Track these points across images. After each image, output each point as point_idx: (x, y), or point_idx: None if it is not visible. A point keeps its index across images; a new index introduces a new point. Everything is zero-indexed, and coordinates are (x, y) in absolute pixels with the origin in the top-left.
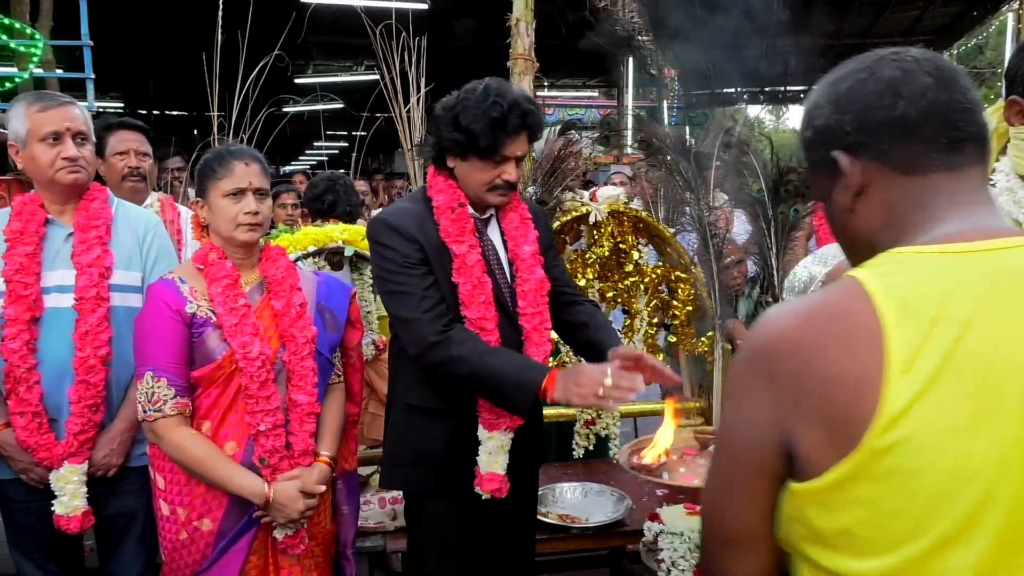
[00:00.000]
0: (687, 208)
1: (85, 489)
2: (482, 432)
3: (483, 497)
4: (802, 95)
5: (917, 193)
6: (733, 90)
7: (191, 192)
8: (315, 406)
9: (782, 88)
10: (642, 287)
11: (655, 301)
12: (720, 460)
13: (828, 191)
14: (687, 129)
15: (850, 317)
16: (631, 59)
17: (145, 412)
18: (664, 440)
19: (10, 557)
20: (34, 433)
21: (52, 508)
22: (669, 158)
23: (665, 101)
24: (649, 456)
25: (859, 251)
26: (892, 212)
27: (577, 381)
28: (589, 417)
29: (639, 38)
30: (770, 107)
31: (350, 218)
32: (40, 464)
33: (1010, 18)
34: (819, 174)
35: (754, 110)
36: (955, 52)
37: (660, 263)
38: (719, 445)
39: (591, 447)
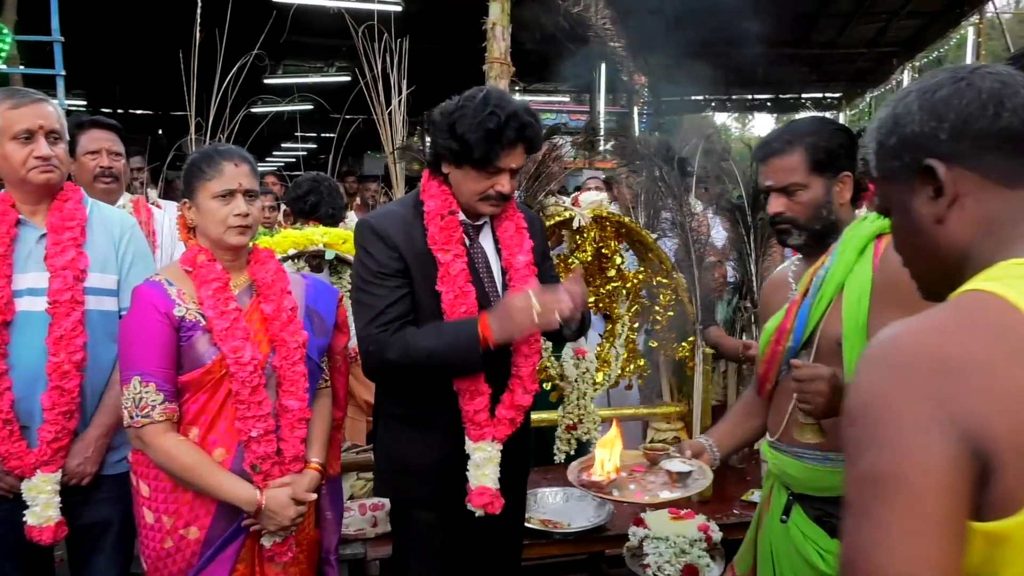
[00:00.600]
0: (667, 214)
1: (59, 499)
2: (468, 444)
3: (476, 513)
4: (768, 103)
5: (1020, 206)
6: (701, 97)
7: (151, 192)
8: (306, 411)
9: (749, 96)
10: (624, 292)
11: (636, 306)
12: (888, 517)
13: (905, 201)
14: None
15: (1011, 332)
16: (603, 65)
17: (132, 418)
18: (614, 458)
19: None
20: (4, 441)
21: (24, 518)
22: (653, 164)
23: (635, 107)
24: (599, 474)
25: (942, 263)
26: (991, 225)
27: (510, 317)
28: (571, 422)
29: (611, 44)
30: (736, 114)
31: (333, 220)
32: (11, 473)
33: (970, 32)
34: (895, 184)
35: (721, 117)
36: (918, 64)
37: (641, 268)
38: (876, 503)
39: (572, 452)
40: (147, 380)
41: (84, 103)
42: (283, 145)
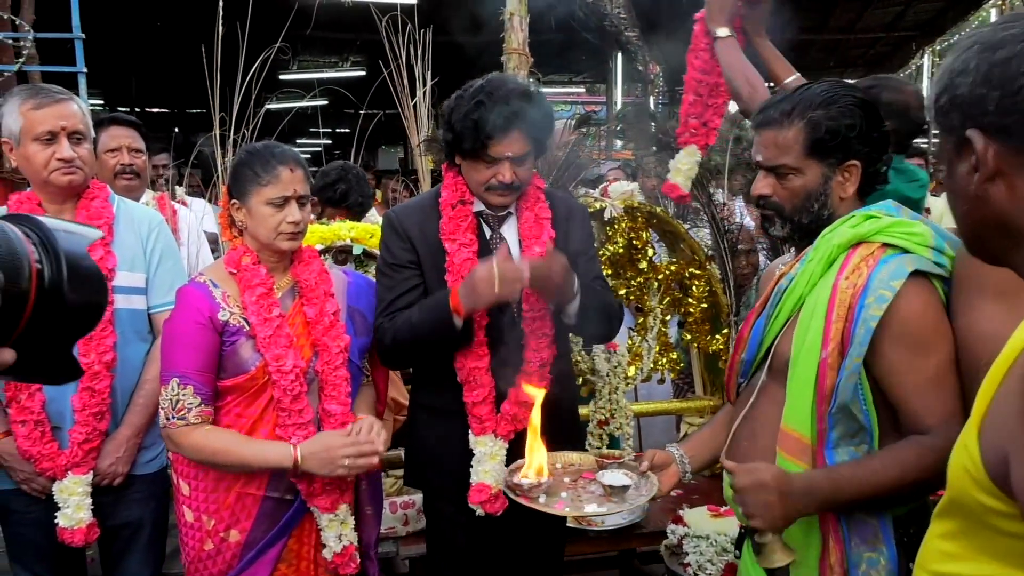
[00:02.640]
0: (697, 203)
1: (90, 500)
2: (471, 438)
3: (477, 512)
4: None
5: None
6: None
7: (178, 190)
8: (348, 416)
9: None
10: (656, 284)
11: (668, 298)
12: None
13: (952, 162)
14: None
15: None
16: (619, 55)
17: (168, 419)
18: (538, 457)
19: (9, 570)
20: (36, 442)
21: (55, 520)
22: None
23: (651, 97)
24: (527, 475)
25: (983, 230)
26: None
27: (473, 286)
28: (602, 417)
29: (626, 33)
30: None
31: (361, 208)
32: (43, 474)
33: (993, 14)
34: (945, 140)
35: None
36: (938, 48)
37: (673, 260)
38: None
39: (604, 447)
40: (185, 383)
41: (101, 102)
42: (299, 141)
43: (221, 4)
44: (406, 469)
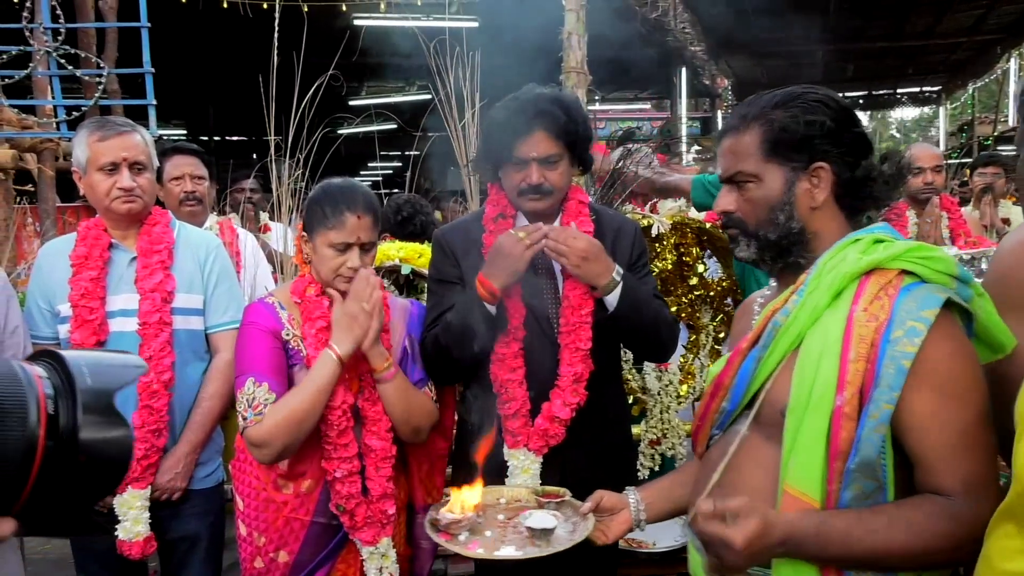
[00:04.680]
0: None
1: (148, 514)
2: (505, 450)
3: None
4: (861, 100)
5: None
6: None
7: (263, 216)
8: (390, 450)
9: (840, 95)
10: (707, 301)
11: (720, 315)
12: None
13: None
14: None
15: None
16: (683, 70)
17: (246, 419)
18: (467, 492)
19: None
20: None
21: (116, 533)
22: None
23: (719, 111)
24: (454, 510)
25: None
26: None
27: (497, 253)
28: (654, 437)
29: (691, 48)
30: None
31: (426, 238)
32: None
33: None
34: None
35: None
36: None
37: (725, 276)
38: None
39: (656, 468)
40: (260, 380)
41: (184, 132)
42: (369, 165)
43: (276, 35)
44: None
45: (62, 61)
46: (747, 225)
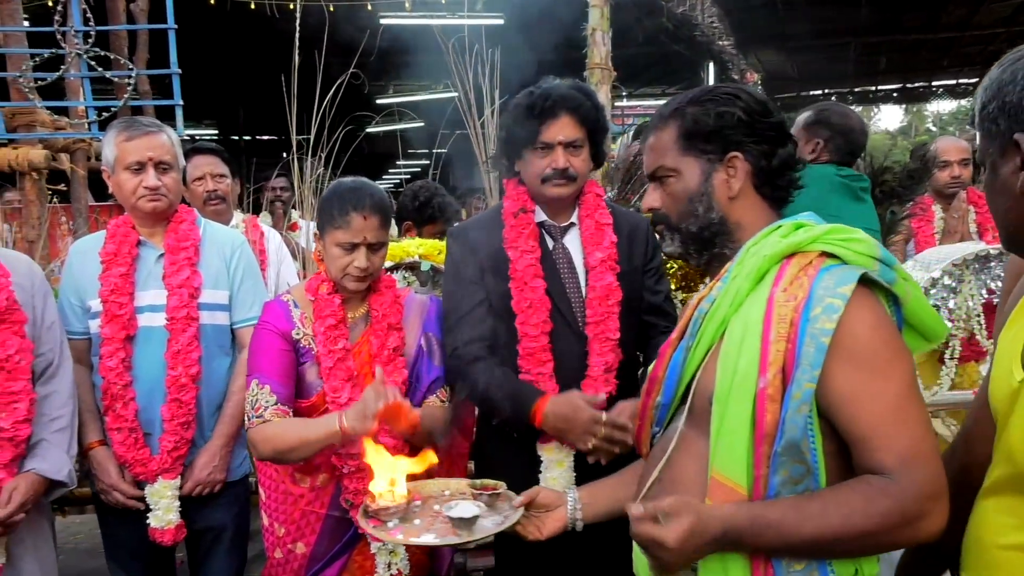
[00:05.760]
0: None
1: (178, 503)
2: (538, 446)
3: None
4: (895, 93)
5: None
6: (820, 92)
7: (293, 213)
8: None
9: (872, 88)
10: None
11: None
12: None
13: (995, 164)
14: None
15: None
16: (711, 65)
17: (249, 420)
18: (400, 478)
19: (107, 568)
20: (131, 448)
21: (147, 521)
22: None
23: None
24: (387, 498)
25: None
26: None
27: (569, 422)
28: None
29: (719, 43)
30: (860, 107)
31: (456, 216)
32: (136, 479)
33: None
34: (989, 144)
35: None
36: None
37: None
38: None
39: None
40: (263, 383)
41: (215, 132)
42: (398, 163)
43: (298, 35)
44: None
45: (93, 63)
46: (670, 219)
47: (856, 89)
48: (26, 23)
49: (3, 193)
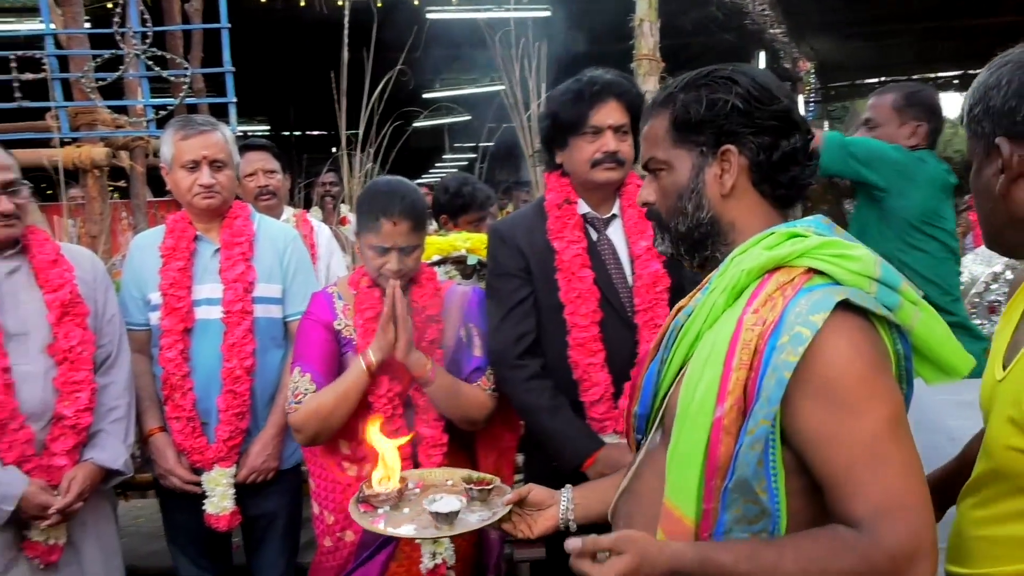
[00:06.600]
0: (824, 207)
1: (233, 490)
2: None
3: None
4: (956, 80)
5: None
6: (876, 80)
7: (343, 207)
8: (440, 438)
9: (931, 75)
10: None
11: None
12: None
13: (980, 165)
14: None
15: None
16: (762, 54)
17: (289, 406)
18: (392, 463)
19: (167, 551)
20: (189, 437)
21: (203, 508)
22: None
23: (800, 95)
24: (385, 484)
25: (1003, 227)
26: None
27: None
28: None
29: (771, 31)
30: None
31: (488, 201)
32: (193, 466)
33: None
34: (975, 145)
35: None
36: None
37: None
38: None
39: None
40: (304, 371)
41: (267, 128)
42: (444, 157)
43: (347, 31)
44: (526, 474)
45: (150, 63)
46: (661, 216)
47: (914, 77)
48: (87, 25)
49: (68, 190)
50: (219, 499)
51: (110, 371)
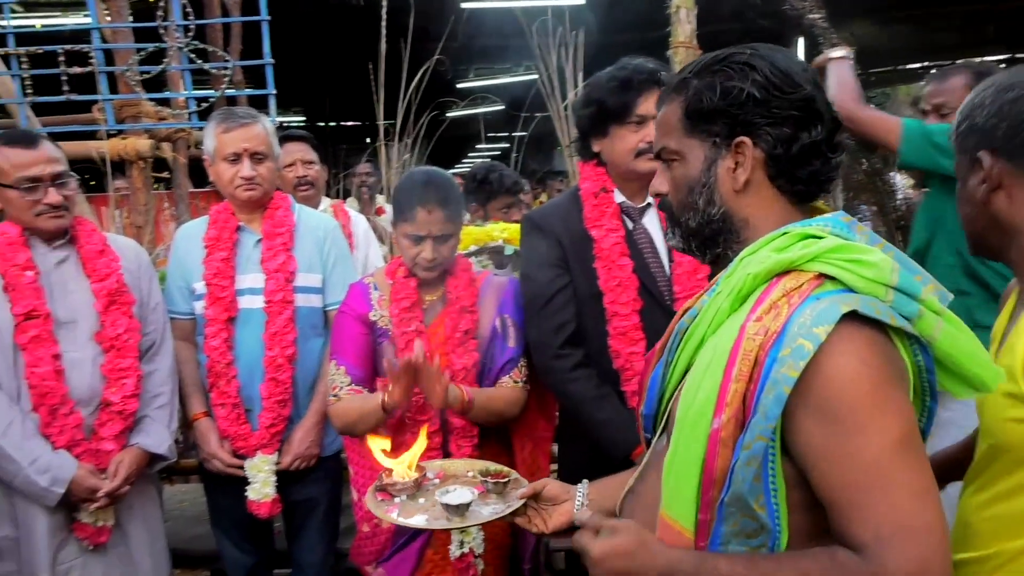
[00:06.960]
0: (865, 196)
1: (275, 477)
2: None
3: None
4: (1004, 64)
5: None
6: (920, 65)
7: (379, 198)
8: (471, 428)
9: (978, 59)
10: None
11: None
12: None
13: (965, 177)
14: None
15: None
16: (801, 40)
17: (329, 398)
18: (414, 456)
19: (211, 534)
20: (233, 423)
21: (246, 494)
22: (853, 142)
23: None
24: (400, 473)
25: (987, 235)
26: None
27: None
28: None
29: (810, 16)
30: None
31: (516, 187)
32: (236, 452)
33: None
34: (961, 158)
35: None
36: None
37: None
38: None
39: None
40: (340, 364)
41: (303, 119)
42: (478, 147)
43: (384, 22)
44: (561, 463)
45: (192, 56)
46: (672, 209)
47: (959, 61)
48: (130, 19)
49: (113, 181)
50: (261, 485)
51: (154, 359)
